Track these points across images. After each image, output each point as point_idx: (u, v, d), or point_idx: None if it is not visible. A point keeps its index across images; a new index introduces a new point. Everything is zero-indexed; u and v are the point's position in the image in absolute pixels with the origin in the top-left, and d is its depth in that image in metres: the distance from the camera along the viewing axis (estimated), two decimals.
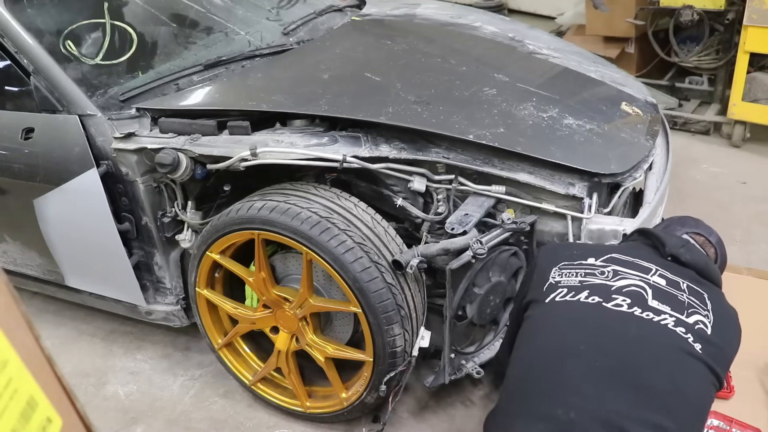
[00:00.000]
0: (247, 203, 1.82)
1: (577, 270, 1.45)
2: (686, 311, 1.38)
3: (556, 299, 1.40)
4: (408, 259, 1.69)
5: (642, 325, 1.33)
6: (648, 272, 1.44)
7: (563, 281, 1.43)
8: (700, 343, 1.34)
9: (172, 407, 2.23)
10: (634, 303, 1.36)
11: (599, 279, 1.41)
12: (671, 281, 1.44)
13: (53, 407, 0.54)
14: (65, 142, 1.97)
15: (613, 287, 1.39)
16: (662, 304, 1.37)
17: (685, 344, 1.32)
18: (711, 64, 3.83)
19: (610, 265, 1.45)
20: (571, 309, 1.38)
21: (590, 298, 1.37)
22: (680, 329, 1.33)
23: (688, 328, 1.35)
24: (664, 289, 1.41)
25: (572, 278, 1.43)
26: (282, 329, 1.99)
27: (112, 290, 2.27)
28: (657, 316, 1.34)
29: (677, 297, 1.40)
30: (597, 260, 1.46)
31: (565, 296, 1.40)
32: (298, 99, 2.02)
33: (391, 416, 1.90)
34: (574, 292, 1.39)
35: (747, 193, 3.18)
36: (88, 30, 2.22)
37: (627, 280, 1.41)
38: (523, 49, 2.50)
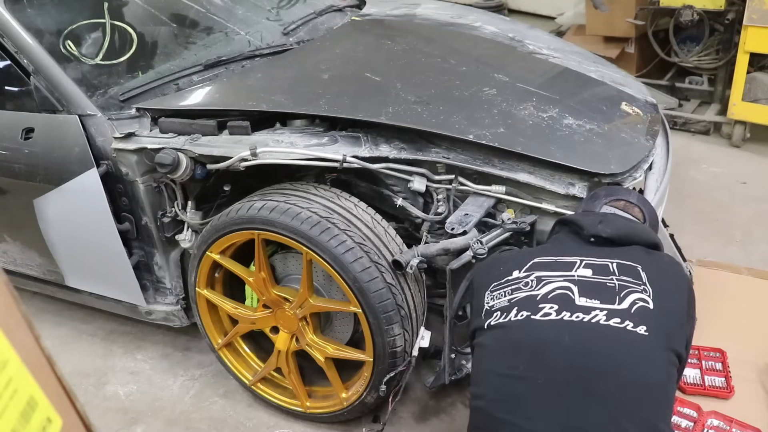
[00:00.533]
0: (247, 203, 1.82)
1: (505, 288, 1.38)
2: (618, 297, 1.30)
3: (492, 323, 1.36)
4: (408, 259, 1.69)
5: (574, 329, 1.26)
6: (572, 267, 1.37)
7: (495, 304, 1.37)
8: (643, 324, 1.26)
9: (172, 407, 2.23)
10: (562, 307, 1.29)
11: (524, 291, 1.35)
12: (599, 267, 1.36)
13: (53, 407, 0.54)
14: (65, 142, 1.97)
15: (539, 296, 1.33)
16: (590, 299, 1.30)
17: (623, 334, 1.25)
18: (711, 64, 3.83)
19: (532, 273, 1.38)
20: (505, 332, 1.33)
21: (519, 314, 1.32)
22: (614, 320, 1.26)
23: (624, 315, 1.27)
24: (590, 280, 1.33)
25: (502, 299, 1.37)
26: (282, 329, 1.99)
27: (112, 290, 2.27)
28: (587, 315, 1.27)
29: (606, 284, 1.32)
30: (521, 271, 1.39)
31: (498, 319, 1.35)
32: (298, 99, 2.02)
33: (391, 416, 1.90)
34: (506, 313, 1.34)
35: (747, 193, 3.18)
36: (88, 30, 2.22)
37: (551, 284, 1.34)
38: (523, 49, 2.50)
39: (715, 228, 2.91)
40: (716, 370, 1.96)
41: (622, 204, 1.57)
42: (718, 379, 1.93)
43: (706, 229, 2.89)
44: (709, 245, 2.75)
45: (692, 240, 2.73)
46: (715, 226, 2.92)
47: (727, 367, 1.95)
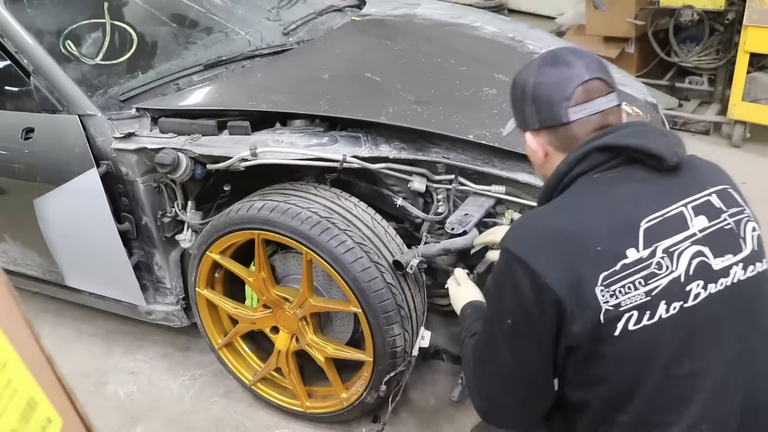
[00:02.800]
0: (247, 203, 1.82)
1: (632, 279, 1.04)
2: (740, 239, 1.11)
3: (630, 328, 1.03)
4: (408, 259, 1.69)
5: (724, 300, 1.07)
6: (686, 222, 1.09)
7: (623, 302, 1.03)
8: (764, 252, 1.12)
9: (172, 407, 2.23)
10: (706, 279, 1.06)
11: (663, 276, 1.05)
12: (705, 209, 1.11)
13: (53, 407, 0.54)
14: (65, 142, 1.97)
15: (681, 276, 1.05)
16: (723, 256, 1.08)
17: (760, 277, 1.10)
18: (711, 64, 3.83)
19: (656, 247, 1.05)
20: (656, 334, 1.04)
21: (671, 308, 1.04)
22: (750, 269, 1.09)
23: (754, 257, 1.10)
24: (712, 231, 1.09)
25: (633, 293, 1.03)
26: (282, 329, 1.99)
27: (112, 290, 2.26)
28: (727, 278, 1.07)
29: (724, 228, 1.10)
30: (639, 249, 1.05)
31: (639, 322, 1.03)
32: (298, 99, 2.02)
33: (390, 416, 1.90)
34: (649, 311, 1.03)
35: (747, 193, 3.16)
36: (88, 30, 2.22)
37: (683, 254, 1.06)
38: (523, 49, 2.50)
39: None
40: None
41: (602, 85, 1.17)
42: None
43: None
44: None
45: None
46: None
47: None
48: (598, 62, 1.19)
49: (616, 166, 1.12)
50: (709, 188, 1.13)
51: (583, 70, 1.15)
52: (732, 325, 1.08)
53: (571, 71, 1.16)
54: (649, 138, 1.11)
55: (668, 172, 1.11)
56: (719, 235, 1.09)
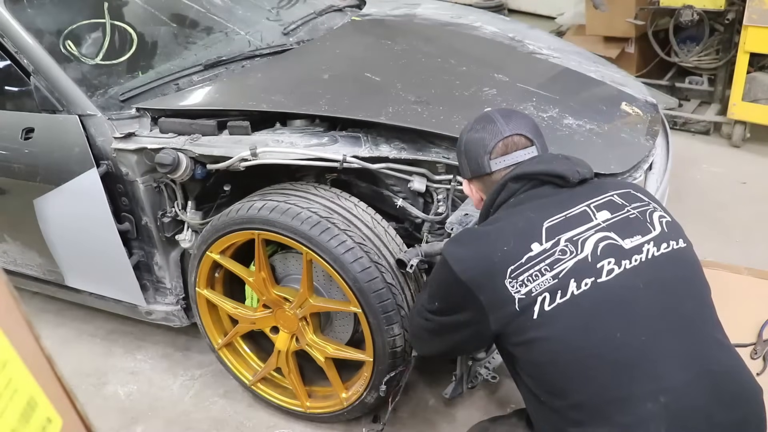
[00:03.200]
0: (247, 203, 1.82)
1: (537, 267, 1.16)
2: (647, 223, 1.24)
3: (546, 309, 1.14)
4: (410, 257, 1.69)
5: (641, 272, 1.17)
6: (589, 217, 1.23)
7: (534, 288, 1.15)
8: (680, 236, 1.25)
9: (172, 407, 2.23)
10: (618, 257, 1.17)
11: (569, 260, 1.16)
12: (608, 206, 1.25)
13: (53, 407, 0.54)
14: (65, 142, 1.97)
15: (588, 257, 1.17)
16: (632, 237, 1.20)
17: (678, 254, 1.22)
18: (711, 64, 3.83)
19: (558, 239, 1.19)
20: (574, 309, 1.14)
21: (582, 284, 1.14)
22: (663, 246, 1.21)
23: (665, 237, 1.22)
24: (616, 220, 1.23)
25: (541, 279, 1.15)
26: (282, 329, 1.99)
27: (112, 290, 2.27)
28: (641, 254, 1.19)
29: (629, 218, 1.24)
30: (542, 243, 1.18)
31: (553, 302, 1.14)
32: (298, 99, 2.02)
33: (390, 416, 1.90)
34: (560, 290, 1.14)
35: (747, 193, 3.18)
36: (88, 30, 2.22)
37: (589, 240, 1.19)
38: (523, 49, 2.50)
39: (715, 228, 2.91)
40: None
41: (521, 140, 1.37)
42: None
43: (706, 229, 2.89)
44: (709, 245, 2.75)
45: (692, 240, 2.72)
46: (715, 226, 2.92)
47: None
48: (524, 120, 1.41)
49: (528, 190, 1.31)
50: (611, 191, 1.29)
51: (505, 128, 1.37)
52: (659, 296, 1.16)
53: (494, 128, 1.37)
54: (553, 162, 1.31)
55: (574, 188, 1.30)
56: (624, 222, 1.23)
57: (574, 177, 1.28)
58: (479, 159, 1.38)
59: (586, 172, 1.32)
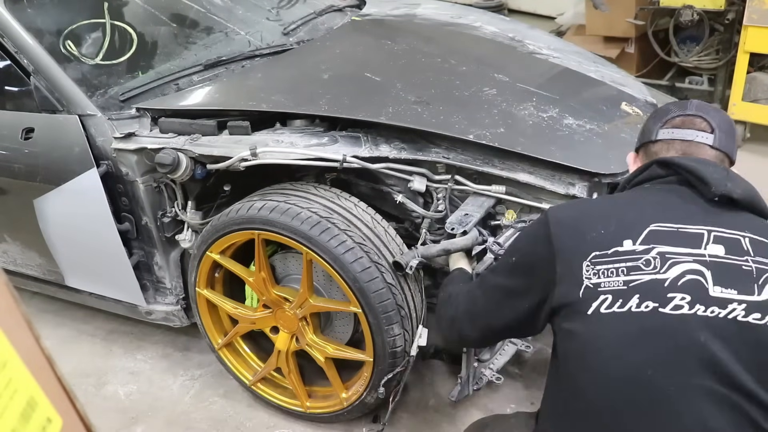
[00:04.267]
0: (247, 203, 1.82)
1: (616, 266, 1.10)
2: (756, 285, 1.07)
3: (602, 311, 1.09)
4: (408, 260, 1.69)
5: (709, 327, 1.04)
6: (700, 243, 1.10)
7: (603, 283, 1.09)
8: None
9: (172, 407, 2.23)
10: (695, 298, 1.05)
11: (647, 274, 1.08)
12: (731, 243, 1.10)
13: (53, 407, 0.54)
14: (65, 142, 1.97)
15: (666, 281, 1.07)
16: (726, 288, 1.06)
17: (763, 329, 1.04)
18: (711, 64, 3.83)
19: (653, 248, 1.09)
20: (623, 324, 1.07)
21: (643, 305, 1.06)
22: (753, 316, 1.05)
23: (763, 306, 1.05)
24: (724, 262, 1.08)
25: (614, 279, 1.09)
26: (282, 329, 1.99)
27: (112, 290, 2.26)
28: (723, 310, 1.05)
29: (741, 268, 1.08)
30: (636, 242, 1.10)
31: (611, 307, 1.08)
32: (298, 99, 2.02)
33: (391, 416, 1.90)
34: (621, 299, 1.07)
35: None
36: (88, 30, 2.22)
37: (679, 265, 1.07)
38: (523, 49, 2.50)
39: None
40: None
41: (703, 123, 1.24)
42: None
43: None
44: None
45: None
46: None
47: None
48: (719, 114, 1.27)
49: (669, 183, 1.19)
50: (747, 232, 1.12)
51: (693, 108, 1.26)
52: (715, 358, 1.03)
53: (683, 105, 1.28)
54: (706, 166, 1.17)
55: (714, 203, 1.15)
56: (730, 269, 1.08)
57: (719, 189, 1.13)
58: (652, 126, 1.29)
59: (736, 192, 1.15)
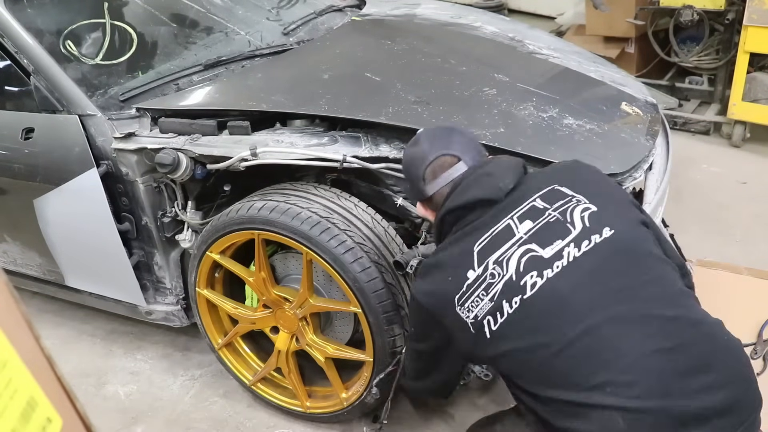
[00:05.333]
0: (247, 203, 1.82)
1: (476, 293, 1.26)
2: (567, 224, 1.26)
3: (494, 329, 1.23)
4: (408, 259, 1.69)
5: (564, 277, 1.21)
6: (512, 230, 1.28)
7: (478, 312, 1.25)
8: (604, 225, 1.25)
9: (172, 407, 2.23)
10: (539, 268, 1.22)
11: (498, 282, 1.24)
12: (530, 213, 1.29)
13: (53, 407, 0.54)
14: (65, 142, 1.97)
15: (513, 275, 1.23)
16: (551, 243, 1.24)
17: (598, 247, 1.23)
18: (711, 64, 3.83)
19: (487, 262, 1.26)
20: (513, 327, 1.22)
21: (513, 303, 1.22)
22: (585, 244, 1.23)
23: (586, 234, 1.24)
24: (537, 229, 1.27)
25: (482, 303, 1.24)
26: (282, 329, 1.99)
27: (112, 290, 2.27)
28: (562, 259, 1.22)
29: (549, 222, 1.27)
30: (476, 269, 1.27)
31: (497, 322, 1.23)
32: (298, 99, 2.02)
33: (390, 416, 1.90)
34: (498, 311, 1.23)
35: (747, 193, 3.18)
36: (88, 30, 2.22)
37: (512, 258, 1.25)
38: (523, 49, 2.50)
39: (715, 228, 2.91)
40: None
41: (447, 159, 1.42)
42: None
43: (706, 229, 2.89)
44: (709, 245, 2.75)
45: (692, 240, 2.73)
46: (715, 226, 2.92)
47: None
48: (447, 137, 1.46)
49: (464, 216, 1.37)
50: (534, 195, 1.33)
51: (428, 152, 1.44)
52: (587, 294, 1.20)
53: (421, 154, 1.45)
54: (474, 188, 1.36)
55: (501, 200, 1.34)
56: (545, 229, 1.27)
57: (498, 196, 1.33)
58: (418, 186, 1.46)
59: (509, 183, 1.34)
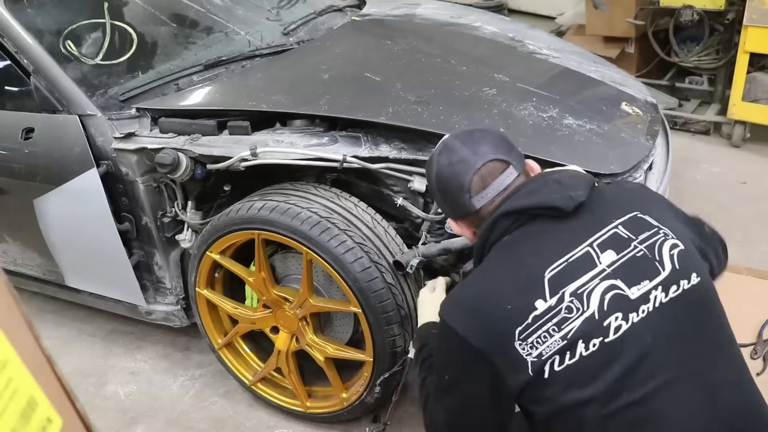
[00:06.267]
0: (247, 203, 1.82)
1: (545, 328, 1.08)
2: (656, 262, 1.13)
3: (556, 369, 1.08)
4: (408, 259, 1.69)
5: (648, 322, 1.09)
6: (593, 260, 1.13)
7: (544, 350, 1.08)
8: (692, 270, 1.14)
9: (172, 407, 2.23)
10: (624, 310, 1.09)
11: (576, 318, 1.09)
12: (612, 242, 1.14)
13: (53, 407, 0.54)
14: (65, 142, 1.97)
15: (595, 313, 1.09)
16: (639, 283, 1.11)
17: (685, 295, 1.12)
18: (711, 64, 3.82)
19: (563, 292, 1.10)
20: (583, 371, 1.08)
21: (590, 344, 1.08)
22: (673, 289, 1.11)
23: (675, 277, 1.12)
24: (622, 262, 1.12)
25: (551, 340, 1.08)
26: (282, 329, 1.99)
27: (112, 290, 2.26)
28: (648, 303, 1.09)
29: (636, 256, 1.13)
30: (547, 299, 1.10)
31: (563, 362, 1.08)
32: (298, 99, 2.02)
33: (391, 416, 1.90)
34: (569, 352, 1.08)
35: (747, 193, 3.18)
36: (88, 30, 2.22)
37: (594, 292, 1.10)
38: (523, 49, 2.50)
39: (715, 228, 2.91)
40: None
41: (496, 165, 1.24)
42: None
43: None
44: None
45: None
46: (715, 226, 2.92)
47: None
48: (490, 140, 1.27)
49: (521, 226, 1.19)
50: (615, 221, 1.17)
51: (474, 158, 1.24)
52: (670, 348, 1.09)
53: (464, 162, 1.25)
54: (543, 192, 1.19)
55: (572, 217, 1.17)
56: (631, 265, 1.12)
57: (567, 206, 1.17)
58: (459, 200, 1.26)
59: (581, 194, 1.18)
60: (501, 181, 1.23)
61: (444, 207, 1.35)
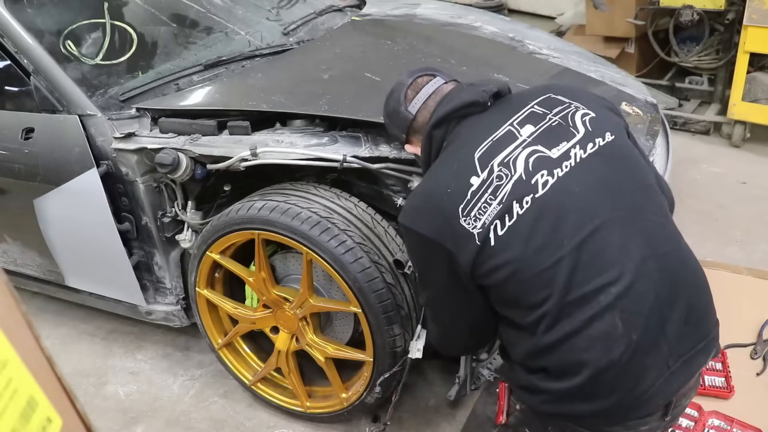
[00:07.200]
0: (247, 203, 1.82)
1: (483, 198, 1.22)
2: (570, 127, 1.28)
3: (500, 234, 1.20)
4: (408, 258, 1.69)
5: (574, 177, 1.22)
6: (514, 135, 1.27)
7: (485, 219, 1.20)
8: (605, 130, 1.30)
9: (172, 407, 2.23)
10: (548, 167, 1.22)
11: (507, 183, 1.21)
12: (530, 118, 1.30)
13: (53, 407, 0.54)
14: (65, 142, 1.97)
15: (522, 175, 1.22)
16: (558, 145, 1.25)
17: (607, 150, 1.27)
18: (711, 64, 3.82)
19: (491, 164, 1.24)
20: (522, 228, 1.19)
21: (524, 203, 1.20)
22: (590, 146, 1.26)
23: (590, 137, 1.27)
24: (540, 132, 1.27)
25: (490, 208, 1.20)
26: (282, 329, 1.99)
27: (112, 290, 2.27)
28: (570, 159, 1.23)
29: (552, 125, 1.28)
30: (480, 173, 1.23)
31: (505, 225, 1.20)
32: (298, 99, 2.02)
33: (391, 416, 1.90)
34: (507, 214, 1.20)
35: (747, 193, 3.18)
36: (88, 30, 2.22)
37: (519, 159, 1.23)
38: (523, 49, 2.50)
39: (715, 228, 2.91)
40: (716, 370, 1.96)
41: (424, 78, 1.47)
42: (718, 379, 1.93)
43: (706, 229, 2.89)
44: (709, 245, 2.75)
45: (692, 240, 2.70)
46: (715, 226, 2.92)
47: (727, 367, 1.95)
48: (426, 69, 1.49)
49: (453, 129, 1.36)
50: (530, 102, 1.33)
51: (405, 78, 1.48)
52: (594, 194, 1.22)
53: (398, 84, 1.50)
54: (461, 96, 1.36)
55: (493, 109, 1.35)
56: (548, 132, 1.28)
57: (482, 98, 1.34)
58: (400, 114, 1.46)
59: (493, 87, 1.36)
60: (430, 86, 1.44)
61: (395, 131, 1.53)
